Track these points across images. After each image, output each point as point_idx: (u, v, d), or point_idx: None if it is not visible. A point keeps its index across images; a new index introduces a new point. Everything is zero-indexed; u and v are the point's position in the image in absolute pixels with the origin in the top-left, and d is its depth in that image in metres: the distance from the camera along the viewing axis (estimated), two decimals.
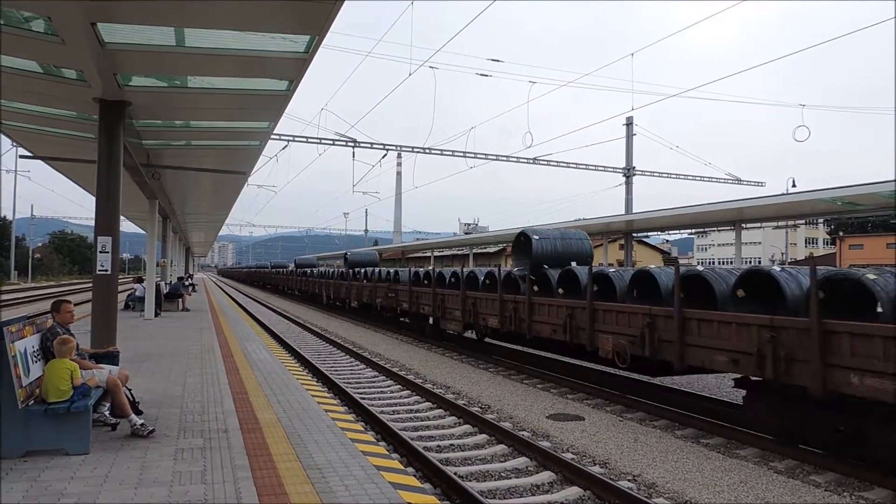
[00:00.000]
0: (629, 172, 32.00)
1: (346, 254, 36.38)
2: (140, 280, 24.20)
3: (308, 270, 43.53)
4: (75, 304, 8.39)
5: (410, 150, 32.54)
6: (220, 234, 62.15)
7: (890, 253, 59.05)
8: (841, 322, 7.41)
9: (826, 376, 7.36)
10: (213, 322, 20.29)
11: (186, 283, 33.78)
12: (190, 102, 11.11)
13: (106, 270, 10.31)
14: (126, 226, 47.89)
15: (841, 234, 74.12)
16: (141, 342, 14.28)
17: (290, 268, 56.00)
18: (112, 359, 7.60)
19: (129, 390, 6.95)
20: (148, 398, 8.11)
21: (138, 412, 6.90)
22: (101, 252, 10.27)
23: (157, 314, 21.03)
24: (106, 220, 10.43)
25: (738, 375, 9.26)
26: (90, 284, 11.15)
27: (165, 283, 26.81)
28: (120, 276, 11.98)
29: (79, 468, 5.50)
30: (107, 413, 6.87)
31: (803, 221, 29.33)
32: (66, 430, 5.92)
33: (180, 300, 24.88)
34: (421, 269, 22.75)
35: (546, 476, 7.54)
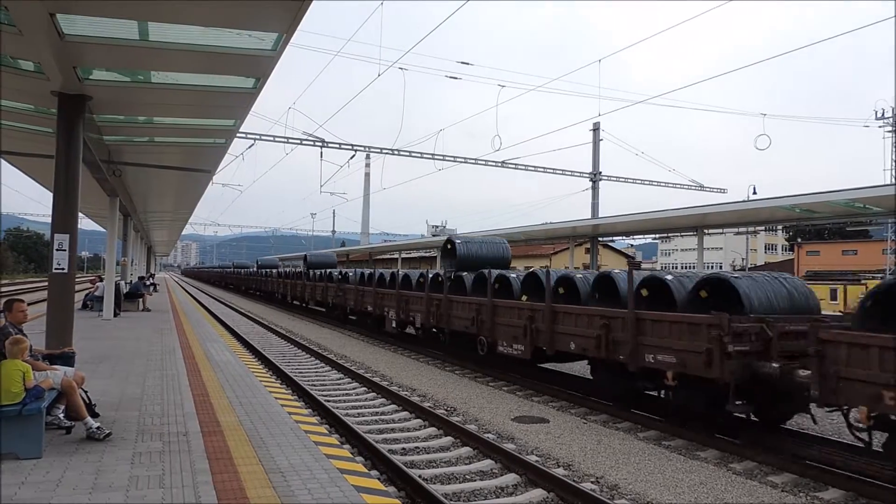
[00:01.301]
0: (596, 177, 32.35)
1: (305, 255, 38.50)
2: (101, 279, 23.63)
3: (269, 271, 45.49)
4: (31, 304, 8.15)
5: (379, 151, 32.42)
6: (183, 233, 61.15)
7: (846, 259, 60.79)
8: (645, 311, 10.04)
9: (638, 353, 9.83)
10: (174, 323, 19.90)
11: (147, 283, 33.12)
12: (153, 98, 10.87)
13: (63, 269, 10.02)
14: (85, 223, 46.69)
15: (799, 240, 76.01)
16: (99, 343, 13.92)
17: (253, 268, 56.45)
18: (67, 360, 7.40)
19: (85, 392, 6.77)
20: (105, 400, 7.89)
21: (94, 415, 6.73)
22: (57, 250, 9.99)
23: (116, 314, 20.53)
24: (63, 217, 10.15)
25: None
26: (46, 283, 10.83)
27: (126, 283, 26.23)
28: (78, 275, 11.68)
29: (30, 473, 5.32)
30: (61, 416, 6.67)
31: (763, 228, 30.03)
32: (18, 433, 5.72)
33: (141, 300, 24.34)
34: (367, 271, 24.40)
35: (511, 478, 7.55)
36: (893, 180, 45.21)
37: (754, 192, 35.70)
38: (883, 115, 49.61)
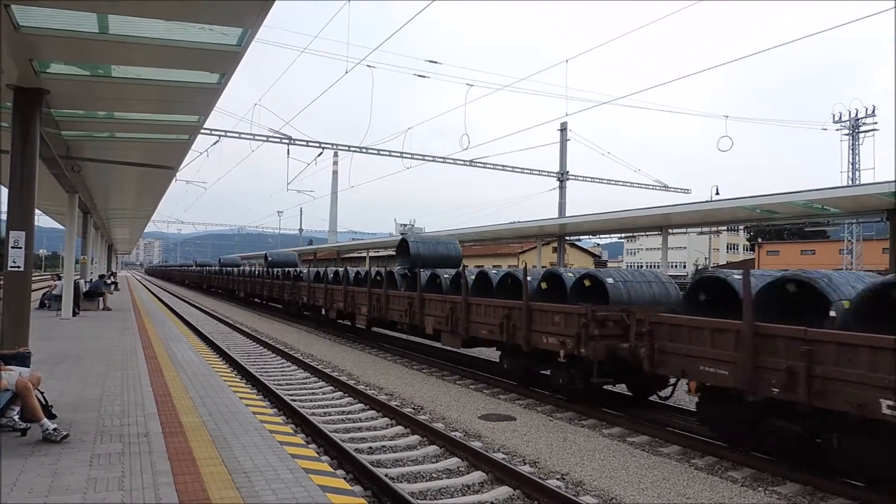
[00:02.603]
0: (563, 177, 32.63)
1: (266, 254, 39.62)
2: (60, 277, 23.04)
3: (231, 269, 46.81)
4: None
5: (347, 148, 32.22)
6: (146, 230, 59.88)
7: (804, 259, 62.34)
8: (536, 303, 11.95)
9: (529, 337, 11.73)
10: (136, 322, 19.50)
11: (108, 282, 32.40)
12: (114, 93, 10.64)
13: (18, 267, 9.75)
14: (43, 220, 45.58)
15: (760, 240, 77.73)
16: (57, 343, 13.58)
17: (215, 266, 56.52)
18: (22, 360, 7.17)
19: (42, 393, 6.60)
20: (63, 401, 7.70)
21: (51, 416, 6.56)
22: (13, 247, 9.71)
23: (75, 314, 20.05)
24: (19, 213, 9.87)
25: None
26: (1, 282, 10.52)
27: (85, 281, 25.63)
28: (35, 274, 11.38)
29: None
30: (16, 418, 6.48)
31: (725, 228, 30.63)
32: None
33: (101, 299, 23.78)
34: (321, 269, 26.02)
35: (477, 476, 7.58)
36: (850, 182, 46.50)
37: (717, 193, 36.32)
38: (840, 118, 50.95)
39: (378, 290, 18.63)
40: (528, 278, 12.23)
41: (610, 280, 11.38)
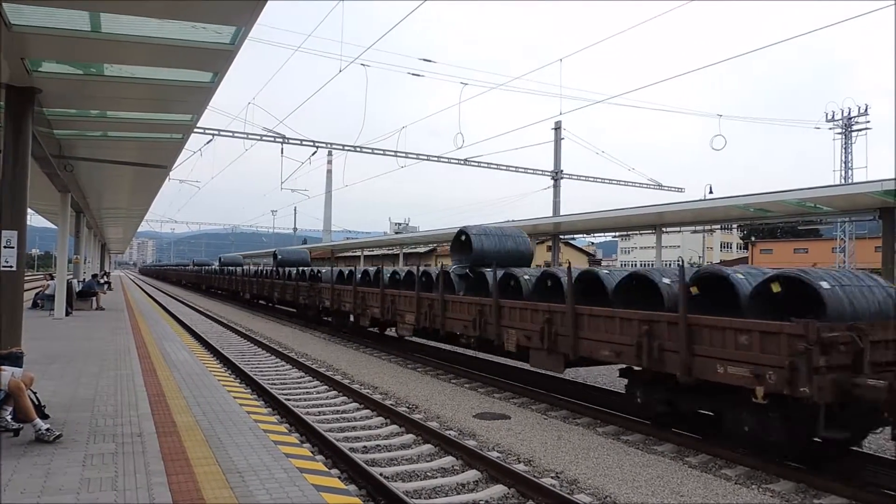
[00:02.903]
0: (557, 176, 32.66)
1: (275, 252, 35.87)
2: (52, 277, 22.93)
3: (233, 269, 43.49)
4: None
5: (341, 147, 32.15)
6: (139, 230, 59.71)
7: (797, 257, 62.56)
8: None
9: (691, 364, 8.59)
10: (129, 321, 19.45)
11: (102, 281, 32.29)
12: (106, 92, 10.58)
13: (11, 266, 9.69)
14: (35, 220, 45.30)
15: (753, 239, 77.99)
16: (50, 343, 13.53)
17: (214, 266, 55.45)
18: (15, 360, 7.13)
19: (35, 393, 6.58)
20: (56, 401, 7.68)
21: (44, 416, 6.53)
22: (5, 247, 9.65)
23: (68, 313, 19.98)
24: (11, 212, 9.80)
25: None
26: None
27: (78, 281, 25.53)
28: (28, 274, 11.31)
29: None
30: (9, 418, 6.45)
31: (719, 226, 30.70)
32: None
33: (94, 299, 23.72)
34: (343, 269, 24.00)
35: (472, 475, 7.58)
36: (843, 181, 46.72)
37: (710, 192, 36.41)
38: (833, 117, 51.18)
39: (431, 295, 15.23)
40: (666, 280, 9.53)
41: (825, 284, 7.79)
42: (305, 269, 27.44)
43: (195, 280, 63.02)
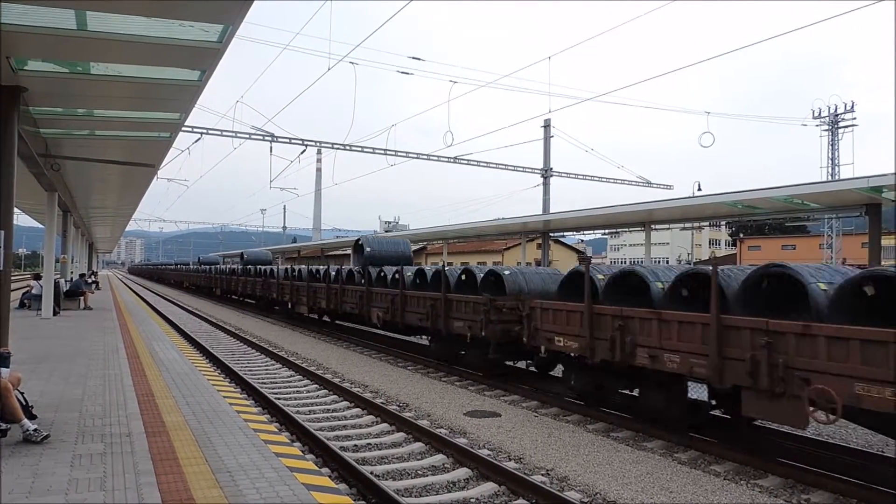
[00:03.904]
0: (546, 173, 32.71)
1: (241, 253, 42.45)
2: (38, 277, 22.75)
3: (209, 267, 48.58)
4: None
5: (330, 146, 32.01)
6: (127, 229, 59.24)
7: (785, 254, 63.02)
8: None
9: (448, 324, 13.80)
10: (117, 321, 19.32)
11: (89, 281, 32.05)
12: (93, 90, 10.52)
13: None
14: (22, 219, 44.96)
15: (741, 235, 78.44)
16: (37, 343, 13.42)
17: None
18: (2, 360, 7.05)
19: (22, 394, 6.53)
20: (43, 402, 7.63)
21: (31, 417, 6.49)
22: None
23: (55, 313, 19.82)
24: None
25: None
26: None
27: (66, 280, 25.33)
28: (15, 273, 11.22)
29: None
30: None
31: (707, 223, 30.84)
32: None
33: (82, 298, 23.53)
34: (289, 267, 28.01)
35: (462, 473, 7.60)
36: (830, 177, 47.08)
37: (699, 189, 36.53)
38: (820, 114, 51.53)
39: (334, 286, 21.21)
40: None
41: (505, 274, 12.51)
42: (263, 268, 32.80)
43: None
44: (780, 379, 7.06)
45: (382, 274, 18.20)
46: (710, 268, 8.08)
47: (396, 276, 16.81)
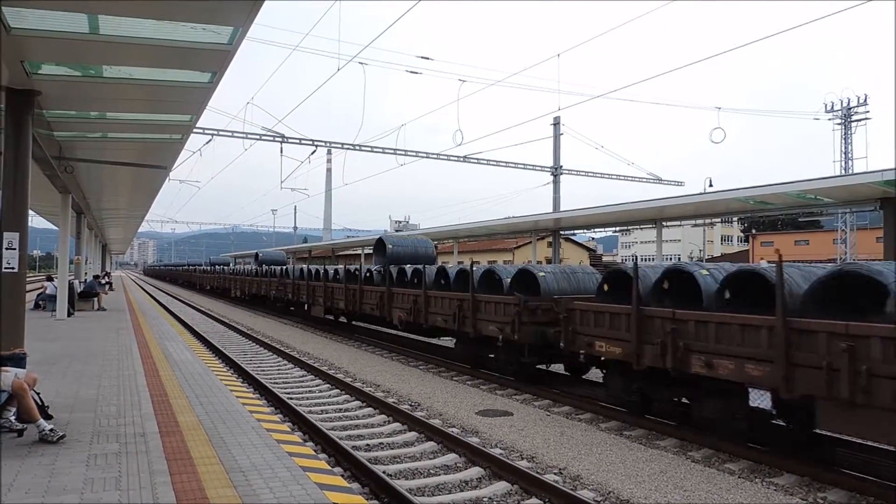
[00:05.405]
0: (557, 171, 32.64)
1: (256, 253, 40.93)
2: (51, 278, 22.97)
3: (221, 268, 49.19)
4: None
5: (340, 146, 32.10)
6: (140, 230, 59.71)
7: (798, 249, 62.52)
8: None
9: (476, 326, 13.40)
10: (131, 321, 19.48)
11: (103, 282, 32.33)
12: (106, 93, 10.58)
13: (13, 268, 9.72)
14: (36, 221, 45.37)
15: (753, 231, 77.88)
16: (52, 343, 13.56)
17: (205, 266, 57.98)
18: (18, 361, 7.16)
19: (38, 394, 6.60)
20: (59, 402, 7.71)
21: (47, 417, 6.56)
22: (7, 249, 9.68)
23: (70, 314, 20.01)
24: (13, 214, 9.83)
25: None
26: None
27: (80, 282, 25.56)
28: (29, 275, 11.35)
29: None
30: (12, 418, 6.48)
31: (719, 220, 30.68)
32: None
33: (96, 299, 23.76)
34: (305, 267, 27.48)
35: (475, 472, 7.60)
36: (843, 171, 46.65)
37: (710, 185, 36.31)
38: (832, 107, 51.07)
39: (353, 286, 20.31)
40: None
41: (539, 274, 11.73)
42: (278, 268, 31.70)
43: (189, 279, 55.86)
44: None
45: (404, 273, 17.98)
46: (761, 267, 7.93)
47: (417, 275, 16.57)
